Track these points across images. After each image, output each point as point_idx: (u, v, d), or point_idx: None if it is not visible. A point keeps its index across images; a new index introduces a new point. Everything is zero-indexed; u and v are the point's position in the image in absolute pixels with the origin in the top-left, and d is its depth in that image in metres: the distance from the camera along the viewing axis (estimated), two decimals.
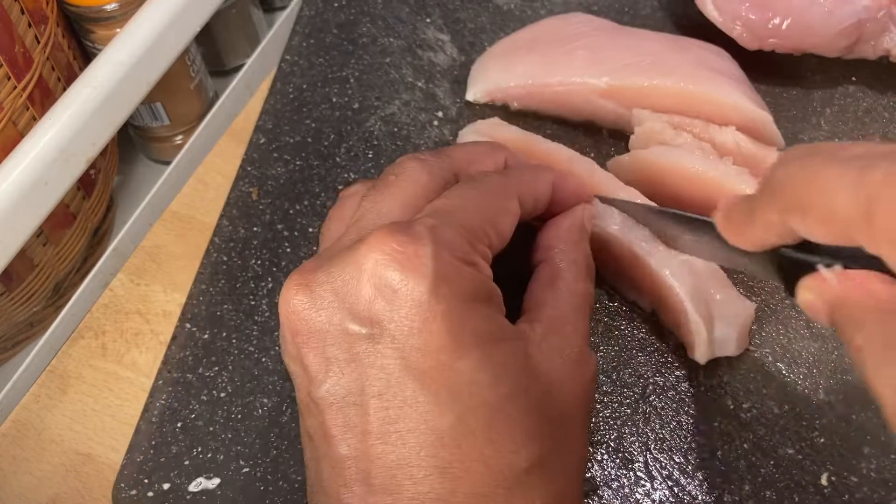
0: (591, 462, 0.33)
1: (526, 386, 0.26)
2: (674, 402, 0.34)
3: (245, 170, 0.42)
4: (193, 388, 0.36)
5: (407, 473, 0.24)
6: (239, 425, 0.35)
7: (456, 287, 0.25)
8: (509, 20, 0.46)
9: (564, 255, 0.30)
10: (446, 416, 0.24)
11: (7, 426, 0.41)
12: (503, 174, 0.30)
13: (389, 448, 0.24)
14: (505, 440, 0.24)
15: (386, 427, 0.24)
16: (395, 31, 0.46)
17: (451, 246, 0.26)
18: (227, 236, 0.40)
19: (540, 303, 0.29)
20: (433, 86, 0.44)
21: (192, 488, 0.34)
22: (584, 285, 0.30)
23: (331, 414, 0.25)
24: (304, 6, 0.47)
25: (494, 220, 0.28)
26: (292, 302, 0.26)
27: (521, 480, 0.24)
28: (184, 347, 0.37)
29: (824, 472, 0.32)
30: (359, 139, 0.42)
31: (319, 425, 0.26)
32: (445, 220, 0.26)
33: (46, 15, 0.41)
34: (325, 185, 0.41)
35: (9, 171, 0.36)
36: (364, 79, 0.44)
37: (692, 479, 0.32)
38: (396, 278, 0.24)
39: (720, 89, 0.37)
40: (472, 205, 0.28)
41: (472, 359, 0.25)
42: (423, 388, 0.24)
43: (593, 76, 0.39)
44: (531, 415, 0.25)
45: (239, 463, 0.34)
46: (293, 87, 0.44)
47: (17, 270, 0.42)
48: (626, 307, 0.36)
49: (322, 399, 0.25)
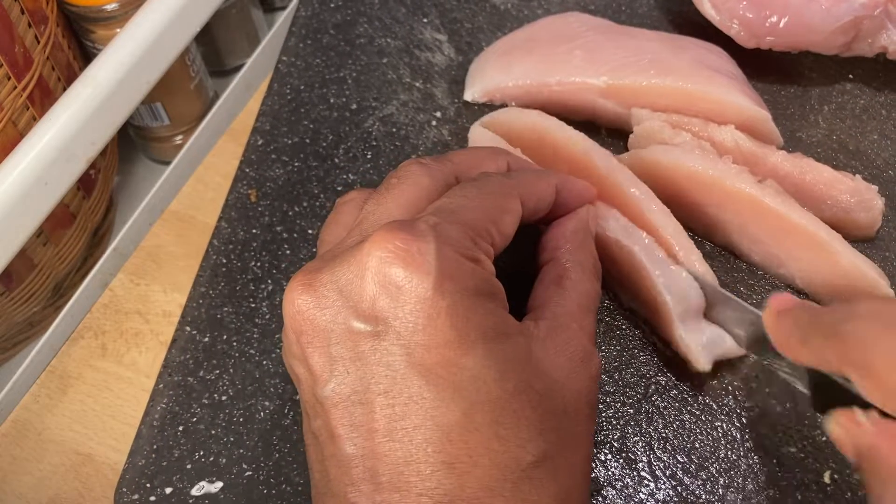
0: (595, 462, 0.33)
1: (531, 382, 0.26)
2: (676, 402, 0.34)
3: (243, 171, 0.42)
4: (195, 392, 0.36)
5: (414, 470, 0.24)
6: (241, 428, 0.35)
7: (460, 283, 0.25)
8: (506, 20, 0.46)
9: (570, 256, 0.30)
10: (453, 411, 0.24)
11: (7, 426, 0.41)
12: (505, 175, 0.31)
13: (396, 445, 0.24)
14: (511, 435, 0.24)
15: (392, 424, 0.24)
16: (392, 32, 0.46)
17: (453, 242, 0.26)
18: (226, 238, 0.40)
19: (545, 301, 0.29)
20: (431, 86, 0.44)
21: (194, 492, 0.34)
22: (590, 284, 0.30)
23: (336, 413, 0.25)
24: (301, 7, 0.47)
25: (496, 218, 0.28)
26: (296, 302, 0.26)
27: (527, 475, 0.24)
28: (184, 351, 0.37)
29: (827, 469, 0.32)
30: (357, 140, 0.42)
31: (325, 425, 0.26)
32: (448, 218, 0.26)
33: (46, 15, 0.41)
34: (323, 187, 0.41)
35: (9, 171, 0.36)
36: (362, 79, 0.44)
37: (695, 479, 0.32)
38: (400, 275, 0.24)
39: (718, 87, 0.37)
40: (474, 203, 0.28)
41: (478, 354, 0.25)
42: (429, 383, 0.24)
43: (592, 76, 0.39)
44: (537, 410, 0.25)
45: (241, 466, 0.34)
46: (290, 89, 0.44)
47: (17, 270, 0.42)
48: (627, 307, 0.36)
49: (327, 399, 0.25)
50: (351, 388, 0.25)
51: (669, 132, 0.37)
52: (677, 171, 0.35)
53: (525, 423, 0.25)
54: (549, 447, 0.25)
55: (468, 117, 0.43)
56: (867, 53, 0.40)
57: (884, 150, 0.40)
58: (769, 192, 0.34)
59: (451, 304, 0.24)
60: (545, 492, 0.25)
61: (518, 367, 0.25)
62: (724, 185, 0.34)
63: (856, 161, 0.40)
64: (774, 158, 0.37)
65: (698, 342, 0.32)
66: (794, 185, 0.36)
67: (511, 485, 0.24)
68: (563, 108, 0.41)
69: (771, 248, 0.36)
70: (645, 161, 0.36)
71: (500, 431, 0.24)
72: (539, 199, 0.30)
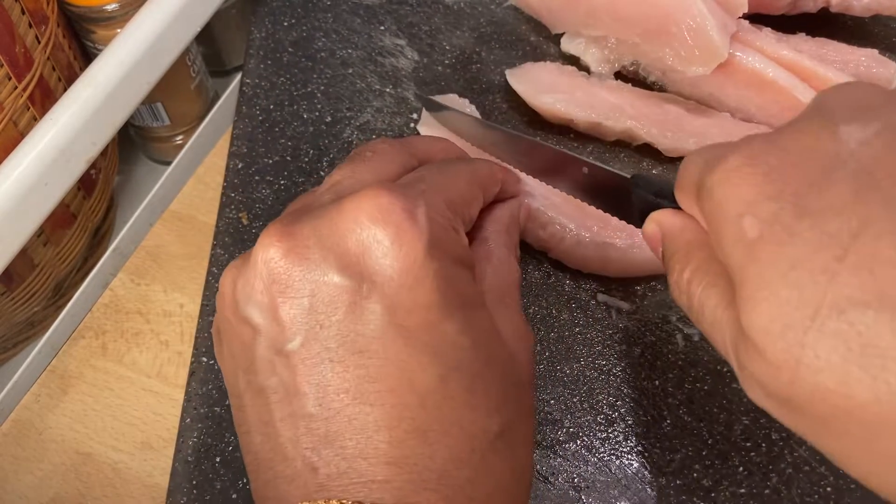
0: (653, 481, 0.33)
1: (498, 352, 0.26)
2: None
3: (229, 196, 0.41)
4: (224, 421, 0.35)
5: (385, 436, 0.23)
6: None
7: (447, 249, 0.25)
8: (462, 18, 0.46)
9: (497, 238, 0.31)
10: (430, 376, 0.23)
11: (7, 426, 0.41)
12: (468, 163, 0.31)
13: (367, 409, 0.23)
14: (481, 404, 0.24)
15: (364, 386, 0.23)
16: (351, 42, 0.46)
17: (440, 211, 0.26)
18: (224, 264, 0.39)
19: (479, 276, 0.29)
20: (402, 90, 0.44)
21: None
22: (515, 264, 0.31)
23: (303, 369, 0.24)
24: (254, 29, 0.47)
25: (468, 200, 0.29)
26: (271, 250, 0.24)
27: (493, 446, 0.24)
28: (205, 382, 0.36)
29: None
30: (339, 151, 0.42)
31: (285, 381, 0.24)
32: (432, 189, 0.27)
33: (47, 15, 0.41)
34: None
35: (9, 171, 0.36)
36: (331, 92, 0.44)
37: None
38: (391, 234, 0.24)
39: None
40: (450, 182, 0.28)
41: (457, 320, 0.24)
42: (408, 345, 0.23)
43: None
44: (503, 381, 0.25)
45: None
46: (260, 109, 0.44)
47: (17, 270, 0.42)
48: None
49: (294, 353, 0.24)
50: (322, 344, 0.24)
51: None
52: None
53: (493, 394, 0.25)
54: (512, 418, 0.25)
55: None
56: (811, 9, 0.42)
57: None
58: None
59: (439, 268, 0.24)
60: (506, 464, 0.25)
61: (488, 337, 0.26)
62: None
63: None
64: (796, 39, 0.41)
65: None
66: (817, 56, 0.40)
67: (479, 455, 0.24)
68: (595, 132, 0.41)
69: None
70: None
71: (471, 400, 0.24)
72: (492, 191, 0.31)
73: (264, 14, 0.47)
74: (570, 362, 0.35)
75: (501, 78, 0.43)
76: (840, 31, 0.43)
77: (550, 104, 0.40)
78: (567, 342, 0.36)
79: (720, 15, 0.37)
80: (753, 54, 0.38)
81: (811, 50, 0.40)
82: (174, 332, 0.43)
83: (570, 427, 0.34)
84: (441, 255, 0.25)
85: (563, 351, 0.35)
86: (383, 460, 0.23)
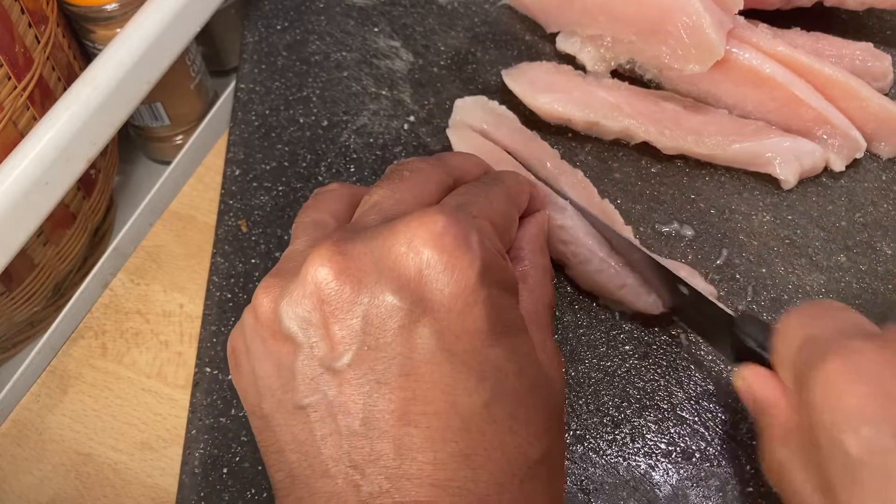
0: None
1: (540, 379, 0.26)
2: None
3: (227, 204, 0.41)
4: (231, 432, 0.35)
5: (430, 458, 0.23)
6: None
7: (496, 275, 0.26)
8: (456, 18, 0.46)
9: (531, 258, 0.31)
10: (475, 401, 0.24)
11: (7, 426, 0.41)
12: (503, 182, 0.31)
13: (413, 430, 0.23)
14: (522, 430, 0.24)
15: (411, 408, 0.23)
16: (345, 45, 0.46)
17: (489, 237, 0.26)
18: (225, 273, 0.39)
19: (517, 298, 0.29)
20: (398, 92, 0.44)
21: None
22: (550, 287, 0.31)
23: (349, 388, 0.24)
24: (247, 33, 0.46)
25: (509, 225, 0.30)
26: (323, 270, 0.25)
27: (533, 472, 0.24)
28: (209, 392, 0.36)
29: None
30: (336, 155, 0.42)
31: (330, 399, 0.24)
32: (482, 214, 0.27)
33: (46, 15, 0.41)
34: None
35: (9, 171, 0.36)
36: (327, 95, 0.44)
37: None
38: (445, 260, 0.24)
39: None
40: (495, 206, 0.29)
41: (502, 347, 0.25)
42: (455, 370, 0.24)
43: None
44: (545, 408, 0.26)
45: None
46: (255, 115, 0.44)
47: (17, 270, 0.42)
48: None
49: (341, 372, 0.24)
50: (370, 365, 0.24)
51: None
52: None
53: (534, 420, 0.25)
54: (552, 446, 0.25)
55: (441, 117, 0.43)
56: (806, 4, 0.42)
57: None
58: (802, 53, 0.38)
59: (488, 295, 0.25)
60: (544, 490, 0.25)
61: (531, 364, 0.26)
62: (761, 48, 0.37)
63: None
64: (791, 34, 0.41)
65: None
66: (812, 51, 0.40)
67: (518, 482, 0.24)
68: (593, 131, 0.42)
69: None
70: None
71: (513, 426, 0.24)
72: (523, 208, 0.32)
73: (257, 17, 0.47)
74: (574, 364, 0.35)
75: (497, 78, 0.44)
76: (835, 25, 0.44)
77: (548, 104, 0.40)
78: (571, 344, 0.36)
79: (716, 12, 0.37)
80: (750, 51, 0.38)
81: (807, 45, 0.41)
82: (174, 333, 0.43)
83: (576, 429, 0.34)
84: (490, 281, 0.25)
85: (567, 353, 0.35)
86: (427, 482, 0.23)
